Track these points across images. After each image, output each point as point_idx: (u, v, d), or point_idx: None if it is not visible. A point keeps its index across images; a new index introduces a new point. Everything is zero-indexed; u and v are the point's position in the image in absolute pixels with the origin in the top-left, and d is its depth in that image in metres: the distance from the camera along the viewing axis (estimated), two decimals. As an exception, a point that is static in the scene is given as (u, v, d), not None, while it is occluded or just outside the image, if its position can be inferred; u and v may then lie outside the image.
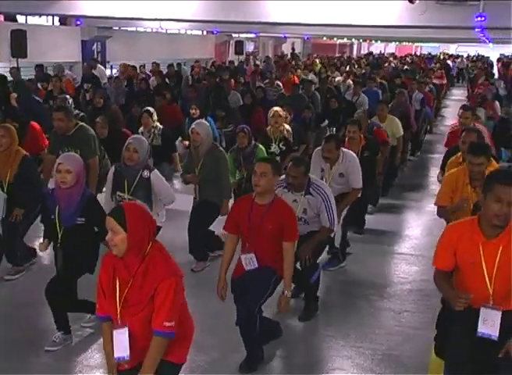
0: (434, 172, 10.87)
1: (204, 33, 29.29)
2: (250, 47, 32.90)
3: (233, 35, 29.59)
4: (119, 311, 3.30)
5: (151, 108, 9.25)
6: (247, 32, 26.02)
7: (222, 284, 4.82)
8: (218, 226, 4.99)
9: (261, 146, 7.77)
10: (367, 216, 8.51)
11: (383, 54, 38.96)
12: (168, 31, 25.74)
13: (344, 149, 6.75)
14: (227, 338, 5.19)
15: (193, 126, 6.93)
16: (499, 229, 3.52)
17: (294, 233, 4.81)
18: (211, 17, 13.62)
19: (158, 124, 9.04)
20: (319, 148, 6.80)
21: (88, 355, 5.04)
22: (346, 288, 6.57)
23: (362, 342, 5.35)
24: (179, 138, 10.68)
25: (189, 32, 28.16)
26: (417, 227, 8.82)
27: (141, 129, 9.06)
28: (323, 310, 5.95)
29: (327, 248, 6.75)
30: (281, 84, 15.65)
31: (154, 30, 24.65)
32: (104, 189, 6.62)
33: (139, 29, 24.38)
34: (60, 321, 5.16)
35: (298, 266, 5.60)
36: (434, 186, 10.40)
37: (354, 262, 7.28)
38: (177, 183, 9.92)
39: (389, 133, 9.45)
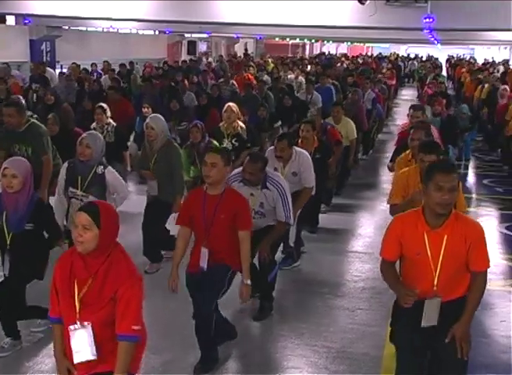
0: (386, 171, 10.98)
1: (156, 33, 29.08)
2: (202, 47, 32.80)
3: (186, 35, 29.46)
4: (77, 310, 3.22)
5: (104, 105, 9.13)
6: (200, 32, 25.93)
7: (173, 279, 4.75)
8: (174, 227, 4.96)
9: (214, 142, 7.77)
10: (320, 215, 8.57)
11: (335, 54, 39.36)
12: (120, 31, 25.47)
13: (297, 148, 6.78)
14: (182, 340, 5.16)
15: (147, 120, 6.89)
16: (442, 218, 3.59)
17: (248, 221, 4.83)
18: (162, 17, 13.52)
19: (111, 121, 8.93)
20: (272, 147, 6.82)
21: (39, 360, 4.94)
22: (300, 287, 6.60)
23: (316, 340, 5.38)
24: (132, 138, 10.57)
25: (140, 32, 27.92)
26: (370, 226, 8.92)
27: (94, 125, 8.92)
28: (278, 309, 5.96)
29: (281, 248, 6.78)
30: (235, 83, 15.68)
31: (105, 30, 24.36)
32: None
33: (90, 28, 24.06)
34: (8, 327, 5.05)
35: (256, 264, 5.63)
36: (386, 185, 10.55)
37: (308, 261, 7.32)
38: (129, 184, 9.82)
39: (343, 134, 9.53)
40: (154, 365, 4.83)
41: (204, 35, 28.31)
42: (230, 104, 8.77)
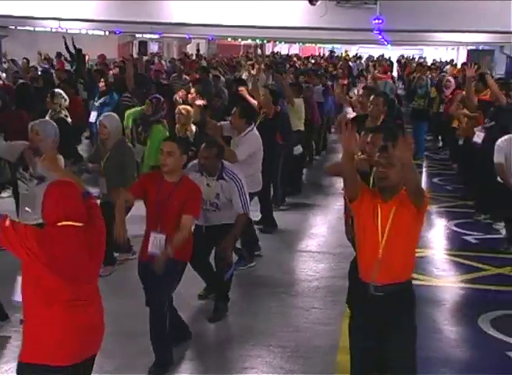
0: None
1: (107, 33, 28.71)
2: (154, 47, 32.55)
3: (137, 35, 29.17)
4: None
5: (57, 90, 9.02)
6: (151, 33, 25.71)
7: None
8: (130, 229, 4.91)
9: (158, 127, 8.03)
10: (275, 215, 8.59)
11: (287, 54, 39.53)
12: (69, 31, 25.05)
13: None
14: (136, 343, 5.11)
15: (101, 118, 6.92)
16: (389, 190, 3.72)
17: (195, 209, 4.80)
18: (112, 17, 13.33)
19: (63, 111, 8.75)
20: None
21: None
22: (255, 287, 6.60)
23: (272, 340, 5.39)
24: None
25: (90, 32, 27.53)
26: (324, 225, 8.99)
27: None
28: (232, 310, 5.95)
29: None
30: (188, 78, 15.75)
31: (53, 30, 23.93)
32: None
33: (38, 28, 23.60)
34: None
35: (213, 263, 5.63)
36: (339, 185, 10.62)
37: (263, 260, 7.33)
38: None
39: (296, 117, 9.75)
40: (108, 369, 4.76)
41: (156, 36, 28.10)
42: (180, 107, 8.75)
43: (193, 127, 8.96)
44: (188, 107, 8.74)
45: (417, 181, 3.83)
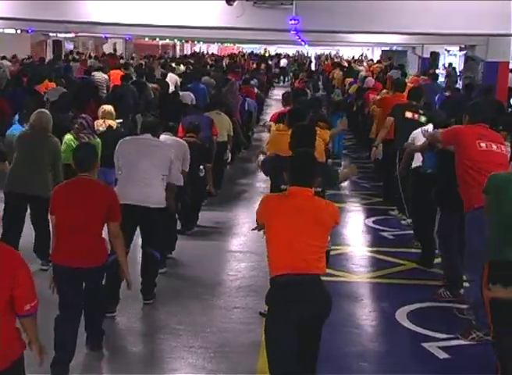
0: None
1: (19, 31, 27.83)
2: (69, 46, 31.80)
3: (51, 34, 28.41)
4: None
5: None
6: (66, 32, 25.12)
7: None
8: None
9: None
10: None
11: (206, 54, 39.50)
12: (-22, 30, 24.16)
13: None
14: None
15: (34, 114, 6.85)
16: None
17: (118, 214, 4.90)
18: (25, 15, 12.96)
19: None
20: None
21: None
22: (176, 288, 6.56)
23: (194, 341, 5.37)
24: None
25: (0, 30, 26.61)
26: (245, 224, 9.00)
27: None
28: (152, 312, 5.90)
29: None
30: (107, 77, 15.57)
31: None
32: None
33: None
34: None
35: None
36: (261, 183, 10.72)
37: (184, 260, 7.30)
38: None
39: (221, 128, 9.82)
40: None
41: (71, 35, 27.47)
42: (104, 106, 8.66)
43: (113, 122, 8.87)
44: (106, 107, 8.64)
45: None
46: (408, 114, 8.33)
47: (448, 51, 27.99)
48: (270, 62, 32.02)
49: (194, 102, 12.10)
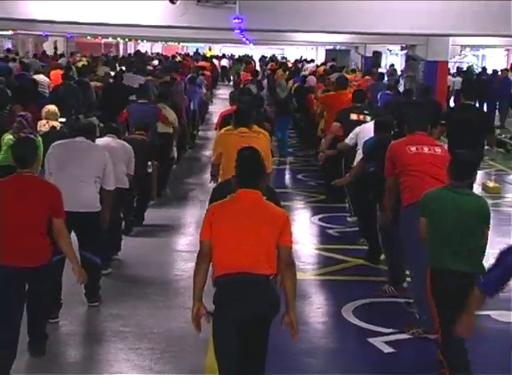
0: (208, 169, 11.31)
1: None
2: (7, 45, 31.05)
3: (-13, 32, 27.68)
4: None
5: None
6: (3, 29, 24.51)
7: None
8: None
9: None
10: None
11: (151, 53, 39.17)
12: None
13: None
14: None
15: None
16: None
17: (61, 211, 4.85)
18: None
19: None
20: None
21: None
22: (122, 289, 6.50)
23: (141, 343, 5.32)
24: None
25: None
26: (192, 224, 8.96)
27: None
28: (97, 315, 5.84)
29: None
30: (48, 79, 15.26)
31: None
32: None
33: None
34: None
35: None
36: (206, 183, 10.65)
37: (131, 261, 7.24)
38: None
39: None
40: None
41: (8, 32, 26.82)
42: (48, 106, 8.52)
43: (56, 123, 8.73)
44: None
45: None
46: (353, 116, 8.50)
47: (390, 50, 28.51)
48: (215, 62, 31.95)
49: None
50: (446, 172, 4.69)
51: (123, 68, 16.91)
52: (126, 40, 38.56)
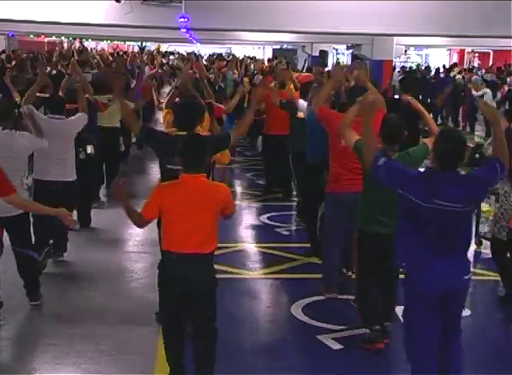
0: (155, 168, 11.27)
1: None
2: None
3: None
4: None
5: None
6: None
7: None
8: None
9: None
10: (92, 213, 8.49)
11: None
12: None
13: None
14: None
15: None
16: None
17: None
18: None
19: None
20: None
21: None
22: (68, 290, 6.40)
23: (88, 346, 5.23)
24: None
25: None
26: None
27: None
28: (41, 317, 5.75)
29: None
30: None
31: None
32: None
33: None
34: None
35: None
36: (152, 182, 10.58)
37: (78, 262, 7.14)
38: None
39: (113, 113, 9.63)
40: None
41: None
42: None
43: None
44: None
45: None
46: (300, 114, 8.52)
47: (336, 49, 28.81)
48: (163, 60, 31.74)
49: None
50: (378, 136, 4.91)
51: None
52: (71, 38, 37.89)
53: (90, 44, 46.44)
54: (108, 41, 44.32)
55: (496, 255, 6.57)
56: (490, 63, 28.44)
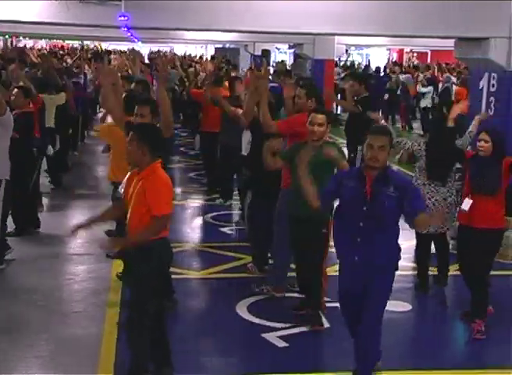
0: (102, 171, 11.18)
1: None
2: None
3: None
4: None
5: None
6: None
7: None
8: None
9: None
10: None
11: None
12: None
13: None
14: None
15: None
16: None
17: None
18: None
19: None
20: None
21: None
22: (9, 295, 6.25)
23: (28, 352, 5.14)
24: None
25: None
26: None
27: None
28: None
29: None
30: None
31: None
32: None
33: None
34: None
35: None
36: (104, 190, 10.40)
37: (19, 266, 6.99)
38: None
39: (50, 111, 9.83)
40: None
41: None
42: None
43: None
44: None
45: None
46: None
47: (278, 49, 28.97)
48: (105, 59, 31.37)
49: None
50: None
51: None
52: (7, 37, 37.01)
53: (28, 43, 45.51)
54: (46, 40, 43.48)
55: (418, 249, 6.76)
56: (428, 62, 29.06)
